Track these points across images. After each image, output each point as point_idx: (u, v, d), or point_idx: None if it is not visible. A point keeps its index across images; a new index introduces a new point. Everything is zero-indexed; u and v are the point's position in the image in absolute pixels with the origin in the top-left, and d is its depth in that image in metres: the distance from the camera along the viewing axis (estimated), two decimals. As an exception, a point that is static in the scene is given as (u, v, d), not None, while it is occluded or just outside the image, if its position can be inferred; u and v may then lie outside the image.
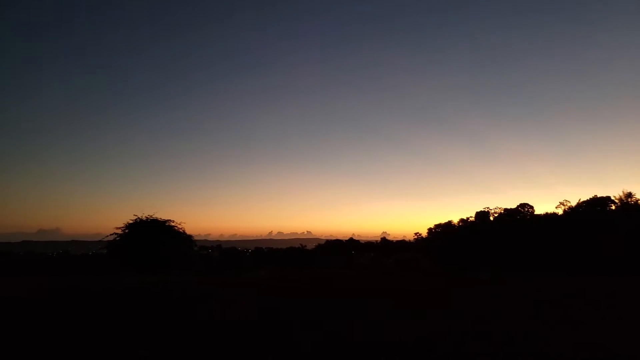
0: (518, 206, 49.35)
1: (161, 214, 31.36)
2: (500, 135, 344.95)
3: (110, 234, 30.42)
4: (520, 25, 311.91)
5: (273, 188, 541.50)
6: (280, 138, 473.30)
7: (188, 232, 32.37)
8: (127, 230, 30.30)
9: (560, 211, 45.69)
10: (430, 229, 58.28)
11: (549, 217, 45.32)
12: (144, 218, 30.80)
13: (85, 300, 13.27)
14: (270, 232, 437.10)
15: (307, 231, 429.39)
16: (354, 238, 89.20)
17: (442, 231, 55.40)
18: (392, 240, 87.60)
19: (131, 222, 30.57)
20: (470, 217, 53.13)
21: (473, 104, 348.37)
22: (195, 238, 34.46)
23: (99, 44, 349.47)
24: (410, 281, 21.03)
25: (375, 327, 9.24)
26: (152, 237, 29.45)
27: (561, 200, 46.07)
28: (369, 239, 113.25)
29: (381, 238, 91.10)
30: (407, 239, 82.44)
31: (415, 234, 65.83)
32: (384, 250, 68.92)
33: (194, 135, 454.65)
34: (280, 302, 13.45)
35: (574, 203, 44.70)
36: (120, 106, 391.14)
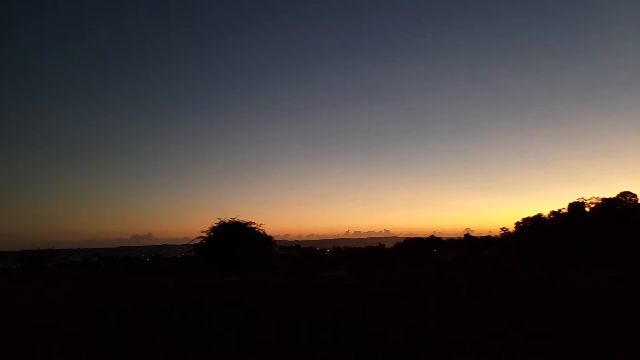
0: (618, 195, 44.83)
1: (243, 217, 32.59)
2: (592, 122, 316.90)
3: (197, 237, 32.19)
4: (611, 6, 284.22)
5: (350, 187, 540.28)
6: (356, 137, 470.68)
7: (268, 233, 33.34)
8: (211, 233, 31.80)
9: (671, 199, 41.03)
10: (517, 223, 54.78)
11: (657, 205, 40.86)
12: (227, 221, 32.15)
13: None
14: (347, 232, 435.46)
15: (385, 230, 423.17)
16: (435, 235, 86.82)
17: (531, 225, 51.97)
18: (477, 237, 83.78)
19: (215, 225, 32.07)
20: (563, 209, 49.21)
21: (559, 90, 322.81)
22: (275, 238, 35.32)
23: (178, 44, 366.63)
24: (497, 278, 19.87)
25: (454, 325, 8.78)
26: (235, 238, 30.63)
27: (670, 187, 41.45)
28: (451, 236, 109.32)
29: (464, 234, 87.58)
30: (492, 234, 78.59)
31: (502, 229, 62.34)
32: (468, 247, 66.13)
33: (272, 139, 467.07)
34: (359, 300, 13.24)
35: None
36: (200, 114, 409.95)
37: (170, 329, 8.84)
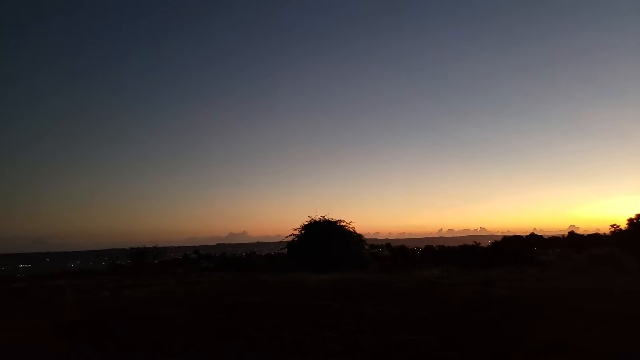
0: None
1: (333, 215, 32.69)
2: None
3: (289, 235, 32.87)
4: None
5: (442, 184, 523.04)
6: (448, 132, 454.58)
7: (358, 231, 33.10)
8: (303, 231, 32.27)
9: None
10: (630, 220, 49.71)
11: None
12: (318, 219, 32.44)
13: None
14: (440, 230, 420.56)
15: (480, 227, 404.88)
16: (536, 233, 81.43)
17: (647, 222, 46.75)
18: (582, 235, 77.07)
19: (306, 223, 32.52)
20: (685, 204, 43.62)
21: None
22: (365, 237, 34.94)
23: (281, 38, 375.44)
24: (608, 280, 17.99)
25: (561, 331, 8.00)
26: (325, 236, 30.79)
27: None
28: (554, 233, 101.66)
29: (568, 232, 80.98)
30: (601, 232, 71.99)
31: (612, 225, 56.87)
32: (573, 246, 61.02)
33: (362, 137, 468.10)
34: (461, 299, 12.58)
35: None
36: (292, 114, 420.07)
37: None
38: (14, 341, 8.16)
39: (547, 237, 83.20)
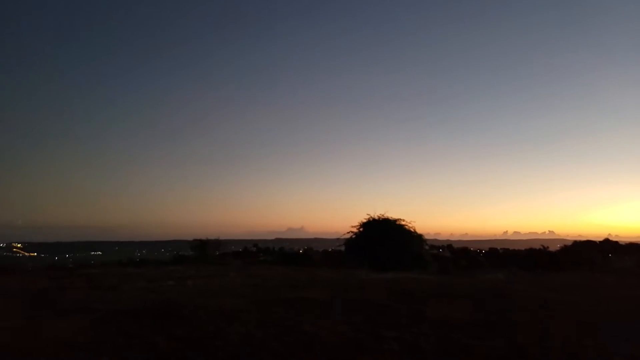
0: None
1: (392, 213, 32.17)
2: None
3: (347, 232, 32.71)
4: None
5: (508, 185, 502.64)
6: (515, 127, 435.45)
7: (418, 231, 32.35)
8: (361, 229, 31.99)
9: None
10: None
11: None
12: (376, 217, 32.05)
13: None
14: (505, 232, 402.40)
15: (548, 231, 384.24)
16: (610, 239, 75.99)
17: None
18: (665, 242, 71.02)
19: (365, 221, 32.22)
20: None
21: None
22: (425, 237, 34.11)
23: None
24: None
25: None
26: (384, 235, 30.35)
27: None
28: (632, 239, 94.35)
29: (650, 238, 74.85)
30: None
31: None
32: (654, 253, 56.50)
33: (424, 137, 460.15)
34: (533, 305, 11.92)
35: None
36: (350, 114, 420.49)
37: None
38: (87, 324, 8.64)
39: (623, 244, 77.33)
